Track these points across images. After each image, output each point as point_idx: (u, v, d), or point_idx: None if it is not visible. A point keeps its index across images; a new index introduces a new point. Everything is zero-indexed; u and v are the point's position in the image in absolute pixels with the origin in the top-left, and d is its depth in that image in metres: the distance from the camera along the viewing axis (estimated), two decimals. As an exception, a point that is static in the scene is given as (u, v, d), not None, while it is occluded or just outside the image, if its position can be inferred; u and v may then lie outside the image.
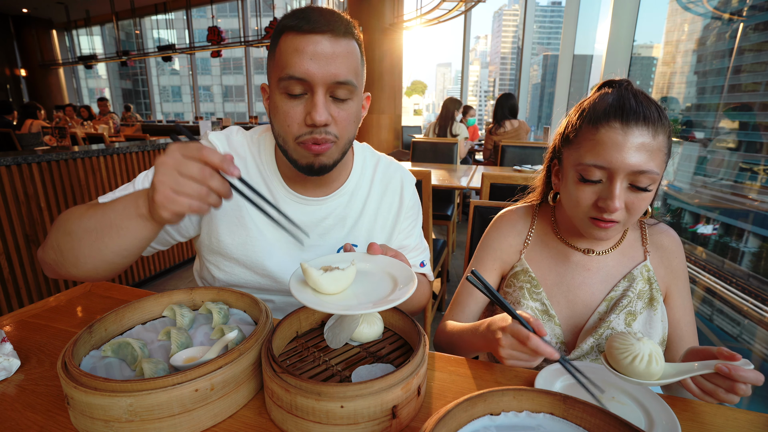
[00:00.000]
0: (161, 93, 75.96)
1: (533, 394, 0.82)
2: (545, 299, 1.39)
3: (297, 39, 1.18)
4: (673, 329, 1.38)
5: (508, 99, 6.78)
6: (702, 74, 4.38)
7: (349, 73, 1.22)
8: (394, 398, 0.87)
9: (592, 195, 1.21)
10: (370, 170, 1.57)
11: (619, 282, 1.36)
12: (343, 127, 1.27)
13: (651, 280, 1.35)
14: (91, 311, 1.39)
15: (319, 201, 1.44)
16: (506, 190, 2.90)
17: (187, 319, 1.16)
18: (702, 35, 4.51)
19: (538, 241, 1.48)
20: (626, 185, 1.16)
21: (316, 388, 0.84)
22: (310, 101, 1.21)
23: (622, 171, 1.13)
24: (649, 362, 0.95)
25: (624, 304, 1.31)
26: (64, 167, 4.06)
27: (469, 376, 1.13)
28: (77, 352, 0.96)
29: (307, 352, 1.10)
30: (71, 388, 0.82)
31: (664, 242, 1.40)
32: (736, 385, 0.93)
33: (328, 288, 1.03)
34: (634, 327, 1.30)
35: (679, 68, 4.94)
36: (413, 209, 1.65)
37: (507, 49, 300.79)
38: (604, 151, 1.15)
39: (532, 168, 4.82)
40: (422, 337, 1.02)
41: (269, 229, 1.43)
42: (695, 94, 4.31)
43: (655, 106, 1.16)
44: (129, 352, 1.01)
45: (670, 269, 1.38)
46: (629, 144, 1.12)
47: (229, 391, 0.92)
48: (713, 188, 3.60)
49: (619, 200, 1.15)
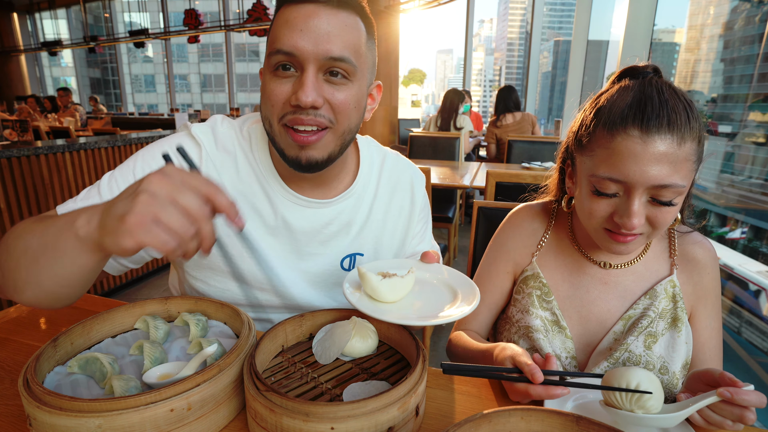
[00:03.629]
0: (133, 82, 75.91)
1: (543, 415, 0.82)
2: (556, 309, 1.37)
3: (290, 9, 1.15)
4: (696, 352, 1.33)
5: (509, 92, 6.96)
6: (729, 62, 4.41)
7: (346, 49, 1.16)
8: (390, 419, 0.87)
9: (607, 208, 1.17)
10: (377, 168, 1.52)
11: (640, 299, 1.33)
12: (341, 113, 1.21)
13: (676, 297, 1.31)
14: (56, 323, 1.39)
15: (322, 204, 1.39)
16: (513, 189, 2.90)
17: (161, 331, 1.16)
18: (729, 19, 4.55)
19: (552, 246, 1.45)
20: (646, 199, 1.12)
21: (304, 408, 0.84)
22: (298, 80, 1.16)
23: (640, 186, 1.09)
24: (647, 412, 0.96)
25: (644, 325, 1.28)
26: (26, 164, 4.05)
27: (472, 394, 1.13)
28: (40, 368, 0.95)
29: (294, 368, 1.10)
30: (34, 408, 0.82)
31: (697, 255, 1.35)
32: (744, 414, 0.93)
33: (387, 296, 1.07)
34: (655, 350, 1.27)
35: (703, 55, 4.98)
36: (424, 210, 1.63)
37: (514, 34, 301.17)
38: (620, 163, 1.10)
39: (541, 165, 4.82)
40: (421, 352, 1.02)
41: (264, 238, 1.38)
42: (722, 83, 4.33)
43: (684, 104, 1.10)
44: (97, 368, 1.01)
45: (699, 286, 1.34)
46: (649, 155, 1.07)
47: (208, 411, 0.92)
48: (741, 187, 3.61)
49: (637, 217, 1.11)
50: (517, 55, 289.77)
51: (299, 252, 1.41)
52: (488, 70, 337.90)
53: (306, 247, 1.41)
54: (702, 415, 0.97)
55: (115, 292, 4.96)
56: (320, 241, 1.42)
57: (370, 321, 1.20)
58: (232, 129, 1.39)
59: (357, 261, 1.48)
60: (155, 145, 1.31)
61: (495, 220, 1.97)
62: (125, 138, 5.14)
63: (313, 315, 1.22)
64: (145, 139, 5.44)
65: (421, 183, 1.61)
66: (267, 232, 1.37)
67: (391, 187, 1.53)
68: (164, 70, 68.34)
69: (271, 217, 1.36)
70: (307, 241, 1.40)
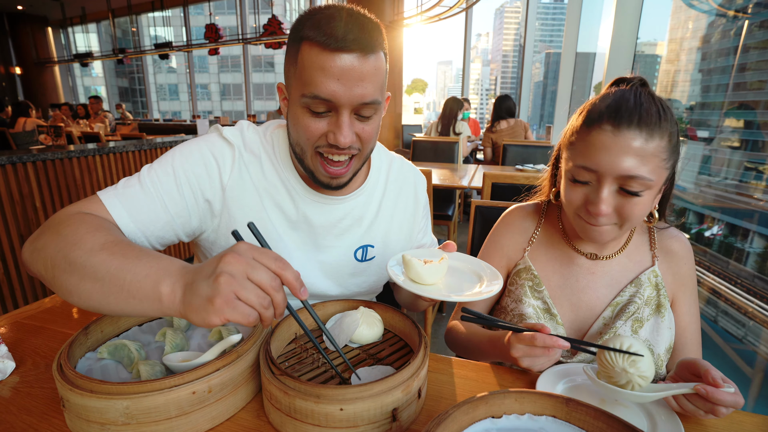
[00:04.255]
0: (158, 91, 75.96)
1: (535, 397, 0.82)
2: (547, 298, 1.38)
3: (322, 56, 1.11)
4: (678, 337, 1.36)
5: (504, 101, 7.02)
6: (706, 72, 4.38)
7: (376, 92, 1.18)
8: (395, 401, 0.87)
9: (581, 196, 1.21)
10: (385, 170, 1.55)
11: (626, 287, 1.35)
12: (367, 141, 1.25)
13: (659, 286, 1.34)
14: (87, 313, 1.39)
15: (338, 200, 1.41)
16: (508, 189, 2.90)
17: (183, 320, 1.16)
18: (706, 32, 4.51)
19: (543, 241, 1.47)
20: (615, 189, 1.15)
21: (315, 391, 0.84)
22: (334, 121, 1.18)
23: (609, 174, 1.13)
24: (634, 389, 0.96)
25: (631, 311, 1.30)
26: (60, 166, 4.07)
27: (470, 378, 1.13)
28: (73, 354, 0.96)
29: (306, 354, 1.10)
30: (67, 391, 0.82)
31: (674, 247, 1.38)
32: (715, 408, 0.93)
33: (428, 279, 1.10)
34: (641, 334, 1.28)
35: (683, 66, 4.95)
36: (426, 208, 1.67)
37: (509, 47, 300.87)
38: (592, 154, 1.15)
39: (534, 167, 4.82)
40: (423, 339, 1.02)
41: (287, 232, 1.39)
42: (699, 92, 4.31)
43: (657, 107, 1.14)
44: (125, 354, 1.01)
45: (678, 275, 1.37)
46: (619, 147, 1.11)
47: (227, 394, 0.92)
48: (717, 188, 3.60)
49: (605, 204, 1.15)
50: (512, 66, 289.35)
51: (317, 244, 1.42)
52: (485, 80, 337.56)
53: (323, 240, 1.42)
54: (677, 401, 0.98)
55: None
56: (335, 234, 1.43)
57: (382, 311, 1.21)
58: (257, 134, 1.40)
59: (368, 252, 1.50)
60: (192, 143, 1.32)
61: (491, 218, 1.97)
62: (151, 142, 5.15)
63: (324, 305, 1.23)
64: (169, 143, 5.45)
65: (423, 185, 1.67)
66: (289, 226, 1.38)
67: (398, 188, 1.56)
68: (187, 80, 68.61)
69: (293, 212, 1.37)
70: (324, 234, 1.41)
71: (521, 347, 1.08)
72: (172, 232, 1.26)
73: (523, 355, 1.08)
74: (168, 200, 1.22)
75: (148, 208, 1.19)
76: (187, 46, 18.30)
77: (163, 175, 1.24)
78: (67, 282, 0.94)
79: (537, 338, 1.04)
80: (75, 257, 0.95)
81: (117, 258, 0.93)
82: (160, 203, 1.20)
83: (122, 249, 0.95)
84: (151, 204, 1.19)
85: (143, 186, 1.21)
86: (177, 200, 1.23)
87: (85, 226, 1.02)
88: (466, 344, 1.41)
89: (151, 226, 1.19)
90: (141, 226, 1.17)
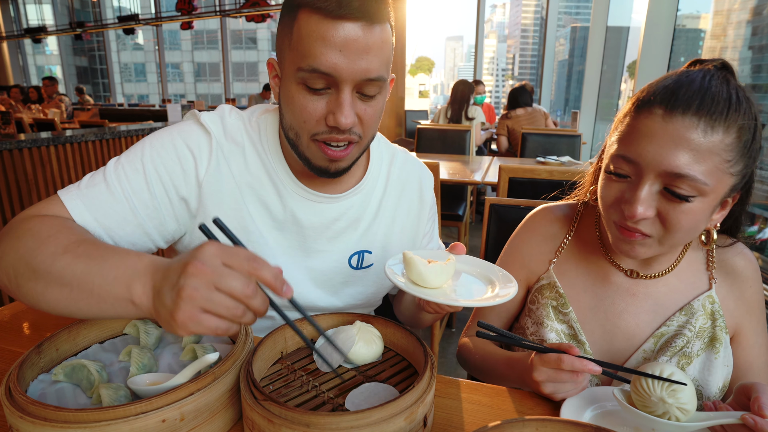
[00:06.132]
0: (122, 71, 76.11)
1: (559, 426, 0.82)
2: (574, 321, 1.33)
3: (323, 24, 1.10)
4: (744, 373, 1.29)
5: (520, 93, 7.20)
6: (758, 49, 4.37)
7: (382, 67, 1.18)
8: (397, 430, 0.87)
9: (616, 192, 1.14)
10: (386, 166, 1.54)
11: (674, 315, 1.28)
12: (368, 126, 1.25)
13: (715, 314, 1.26)
14: (40, 328, 1.39)
15: (331, 199, 1.41)
16: (528, 185, 2.89)
17: (152, 336, 1.16)
18: (758, 3, 4.51)
19: (574, 251, 1.41)
20: (658, 189, 1.07)
21: (305, 419, 0.84)
22: (334, 99, 1.17)
23: (651, 169, 1.05)
24: (677, 418, 0.95)
25: (678, 345, 1.24)
26: (8, 158, 4.07)
27: (484, 404, 1.13)
28: (23, 376, 0.95)
29: (294, 375, 1.10)
30: (16, 418, 0.82)
31: (738, 266, 1.30)
32: None
33: (432, 281, 1.10)
34: (689, 373, 1.23)
35: (730, 42, 4.94)
36: (432, 210, 1.66)
37: (528, 20, 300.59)
38: (636, 141, 1.07)
39: (557, 160, 4.80)
40: (429, 359, 1.02)
41: (271, 233, 1.39)
42: (750, 72, 4.31)
43: (730, 94, 1.04)
44: (84, 375, 1.01)
45: (742, 300, 1.29)
46: (668, 137, 1.02)
47: (202, 422, 0.92)
48: (769, 183, 3.59)
49: (642, 205, 1.06)
50: (532, 42, 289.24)
51: (306, 248, 1.42)
52: (501, 59, 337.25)
53: (314, 243, 1.42)
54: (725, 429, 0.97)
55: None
56: (328, 237, 1.43)
57: (383, 326, 1.21)
58: (240, 120, 1.39)
59: (365, 259, 1.49)
60: (164, 133, 1.31)
61: (508, 219, 1.97)
62: (114, 131, 5.16)
63: (315, 319, 1.22)
64: (135, 132, 5.44)
65: (430, 182, 1.65)
66: (274, 227, 1.38)
67: (401, 186, 1.55)
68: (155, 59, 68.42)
69: (279, 210, 1.37)
70: (315, 236, 1.41)
71: (545, 370, 1.07)
72: (145, 237, 1.26)
73: (546, 380, 1.07)
74: (137, 201, 1.22)
75: (115, 211, 1.19)
76: (156, 19, 18.32)
77: (132, 171, 1.24)
78: (33, 290, 0.98)
79: (564, 360, 1.02)
80: (37, 263, 0.98)
81: (82, 260, 0.96)
82: (129, 204, 1.20)
83: (86, 249, 0.98)
84: (118, 206, 1.19)
85: (109, 184, 1.21)
86: (147, 201, 1.23)
87: (46, 228, 1.04)
88: (480, 365, 1.39)
89: (120, 231, 1.20)
90: (109, 231, 1.18)
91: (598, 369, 1.02)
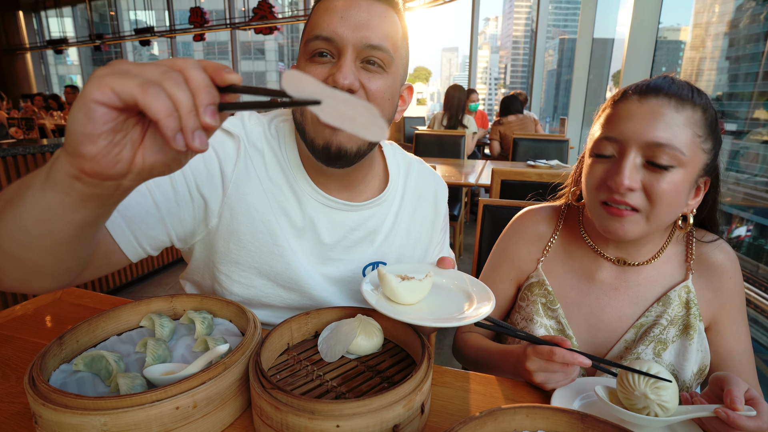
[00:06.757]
0: (139, 81, 75.96)
1: (548, 413, 0.82)
2: (562, 317, 1.34)
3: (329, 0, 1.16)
4: (724, 360, 1.30)
5: (511, 102, 7.30)
6: (734, 59, 4.38)
7: (384, 39, 1.16)
8: (396, 416, 0.87)
9: (601, 173, 1.18)
10: (403, 177, 1.50)
11: (652, 306, 1.29)
12: (375, 101, 1.19)
13: (690, 303, 1.28)
14: (62, 321, 1.40)
15: (350, 207, 1.37)
16: (519, 187, 2.90)
17: (167, 329, 1.16)
18: (734, 17, 4.51)
19: (560, 251, 1.42)
20: (641, 161, 1.12)
21: (310, 406, 0.84)
22: (336, 64, 1.15)
23: (633, 141, 1.11)
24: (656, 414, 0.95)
25: (655, 333, 1.26)
26: (32, 162, 4.06)
27: (477, 392, 1.13)
28: (46, 366, 0.95)
29: (300, 365, 1.10)
30: (39, 406, 0.82)
31: (717, 259, 1.31)
32: None
33: (405, 298, 1.10)
34: (665, 357, 1.25)
35: (708, 53, 4.94)
36: (445, 220, 1.62)
37: (519, 32, 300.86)
38: (616, 123, 1.15)
39: (546, 163, 4.82)
40: (426, 350, 1.02)
41: (294, 239, 1.34)
42: (727, 81, 4.31)
43: (690, 88, 1.14)
44: (103, 365, 1.01)
45: (720, 291, 1.30)
46: (644, 113, 1.11)
47: (214, 409, 0.92)
48: (747, 185, 3.59)
49: (628, 177, 1.10)
50: (523, 53, 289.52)
51: (323, 257, 1.38)
52: (493, 69, 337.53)
53: (330, 252, 1.38)
54: (704, 424, 0.98)
55: (121, 289, 4.97)
56: (344, 246, 1.40)
57: (382, 320, 1.21)
58: (260, 125, 1.35)
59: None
60: None
61: (500, 218, 1.97)
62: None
63: (319, 313, 1.22)
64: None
65: (445, 193, 1.61)
66: (294, 234, 1.34)
67: (416, 197, 1.52)
68: (170, 69, 68.32)
69: (298, 217, 1.33)
70: (332, 245, 1.37)
71: (538, 361, 1.07)
72: (164, 232, 1.21)
73: (538, 369, 1.07)
74: (159, 195, 1.17)
75: (138, 203, 1.14)
76: (170, 31, 18.30)
77: None
78: None
79: (556, 353, 1.03)
80: None
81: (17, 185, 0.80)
82: (152, 198, 1.16)
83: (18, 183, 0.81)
84: (142, 198, 1.15)
85: None
86: (170, 195, 1.18)
87: None
88: (476, 358, 1.39)
89: (141, 225, 1.15)
90: (130, 224, 1.13)
91: (588, 362, 1.03)
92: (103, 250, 1.09)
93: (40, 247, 0.80)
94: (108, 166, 0.64)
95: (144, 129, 0.67)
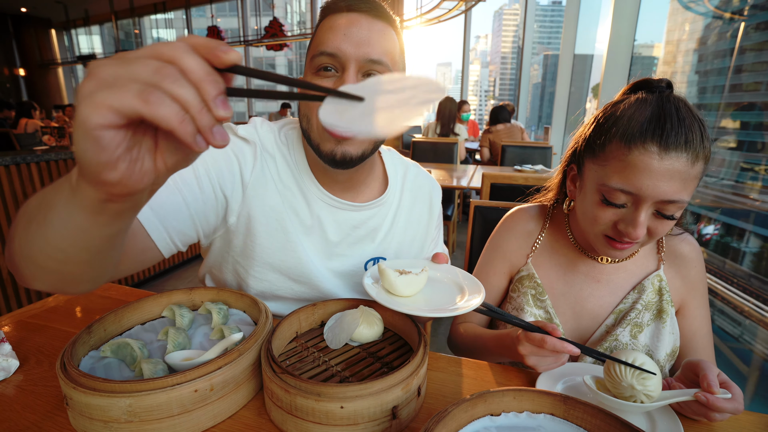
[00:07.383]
0: (161, 93, 75.90)
1: (534, 395, 0.82)
2: (550, 307, 1.34)
3: (333, 17, 1.17)
4: (689, 341, 1.32)
5: (500, 112, 7.33)
6: (703, 74, 4.38)
7: (384, 54, 1.17)
8: (395, 399, 0.87)
9: (613, 217, 1.13)
10: (400, 179, 1.51)
11: (629, 293, 1.31)
12: None
13: (662, 290, 1.29)
14: (90, 311, 1.40)
15: (354, 207, 1.37)
16: (507, 190, 2.90)
17: (186, 319, 1.16)
18: (703, 35, 4.51)
19: (547, 247, 1.42)
20: (652, 212, 1.09)
21: (316, 389, 0.84)
22: (340, 78, 1.16)
23: (650, 199, 1.05)
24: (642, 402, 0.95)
25: (632, 317, 1.27)
26: (63, 167, 4.06)
27: (469, 376, 1.13)
28: (76, 353, 0.95)
29: (307, 352, 1.10)
30: (70, 389, 0.82)
31: (684, 250, 1.33)
32: (709, 414, 0.93)
33: (403, 290, 1.09)
34: (640, 339, 1.25)
35: (680, 68, 4.94)
36: (439, 218, 1.63)
37: (507, 49, 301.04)
38: (634, 176, 1.05)
39: (532, 168, 4.83)
40: (422, 338, 1.02)
41: (304, 236, 1.34)
42: (696, 93, 4.31)
43: (698, 123, 1.05)
44: (128, 352, 1.01)
45: (687, 279, 1.32)
46: (664, 171, 1.02)
47: (229, 392, 0.92)
48: (714, 188, 3.59)
49: (642, 228, 1.08)
50: (510, 67, 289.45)
51: (329, 252, 1.39)
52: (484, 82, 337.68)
53: (335, 248, 1.39)
54: (683, 406, 0.98)
55: (144, 283, 4.97)
56: (348, 243, 1.40)
57: (382, 311, 1.21)
58: (271, 132, 1.35)
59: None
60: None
61: (490, 218, 1.97)
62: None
63: (325, 304, 1.22)
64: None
65: (438, 194, 1.61)
66: (303, 231, 1.34)
67: (413, 198, 1.52)
68: (189, 82, 68.28)
69: (307, 216, 1.33)
70: (337, 242, 1.38)
71: (529, 346, 1.07)
72: (193, 229, 1.20)
73: (530, 353, 1.07)
74: (188, 194, 1.16)
75: (170, 201, 1.13)
76: (189, 48, 18.29)
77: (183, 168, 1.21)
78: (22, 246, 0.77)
79: (547, 342, 1.02)
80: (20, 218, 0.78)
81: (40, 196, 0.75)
82: (182, 196, 1.15)
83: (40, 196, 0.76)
84: (172, 197, 1.14)
85: None
86: (197, 194, 1.18)
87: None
88: (471, 345, 1.39)
89: (173, 222, 1.13)
90: (164, 222, 1.11)
91: (577, 351, 1.02)
92: (140, 247, 1.08)
93: (77, 261, 0.75)
94: (136, 183, 0.58)
95: (154, 133, 0.59)
